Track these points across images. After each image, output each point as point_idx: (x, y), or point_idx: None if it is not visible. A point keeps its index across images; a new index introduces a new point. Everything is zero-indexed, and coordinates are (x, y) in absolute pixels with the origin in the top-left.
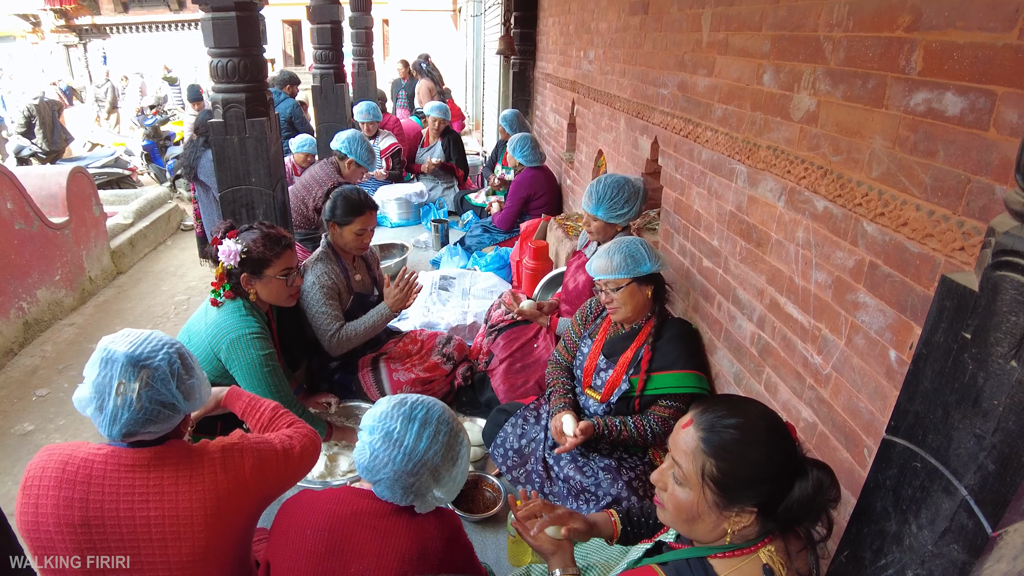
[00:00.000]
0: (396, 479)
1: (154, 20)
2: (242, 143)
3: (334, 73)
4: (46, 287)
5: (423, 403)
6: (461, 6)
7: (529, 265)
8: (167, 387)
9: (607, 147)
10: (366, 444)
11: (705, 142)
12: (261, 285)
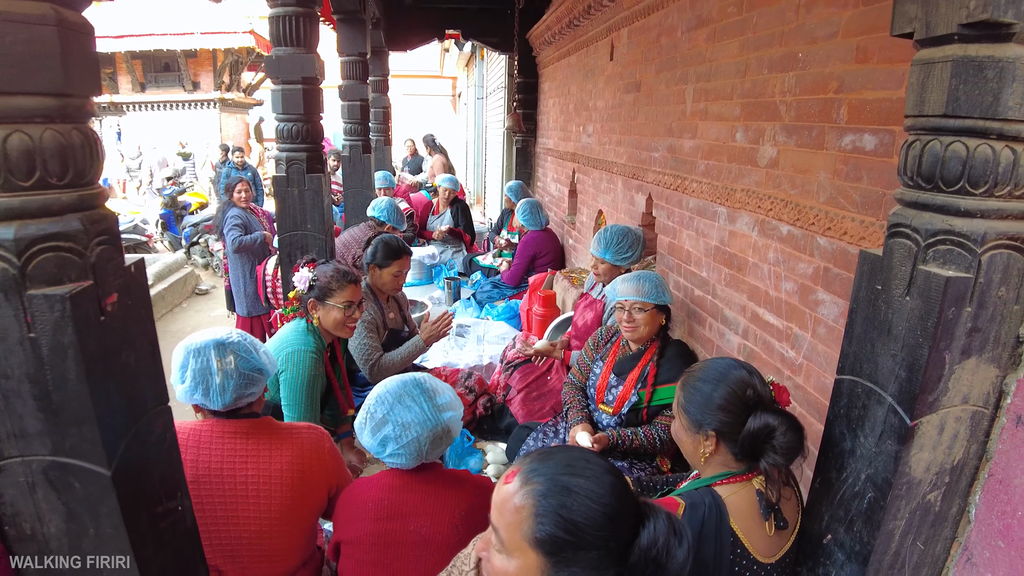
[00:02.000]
0: (425, 441)
1: (169, 99)
2: (301, 195)
3: (362, 145)
4: None
5: (409, 384)
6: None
7: (539, 312)
8: (252, 356)
9: (606, 207)
10: (391, 431)
11: (691, 192)
12: (324, 311)
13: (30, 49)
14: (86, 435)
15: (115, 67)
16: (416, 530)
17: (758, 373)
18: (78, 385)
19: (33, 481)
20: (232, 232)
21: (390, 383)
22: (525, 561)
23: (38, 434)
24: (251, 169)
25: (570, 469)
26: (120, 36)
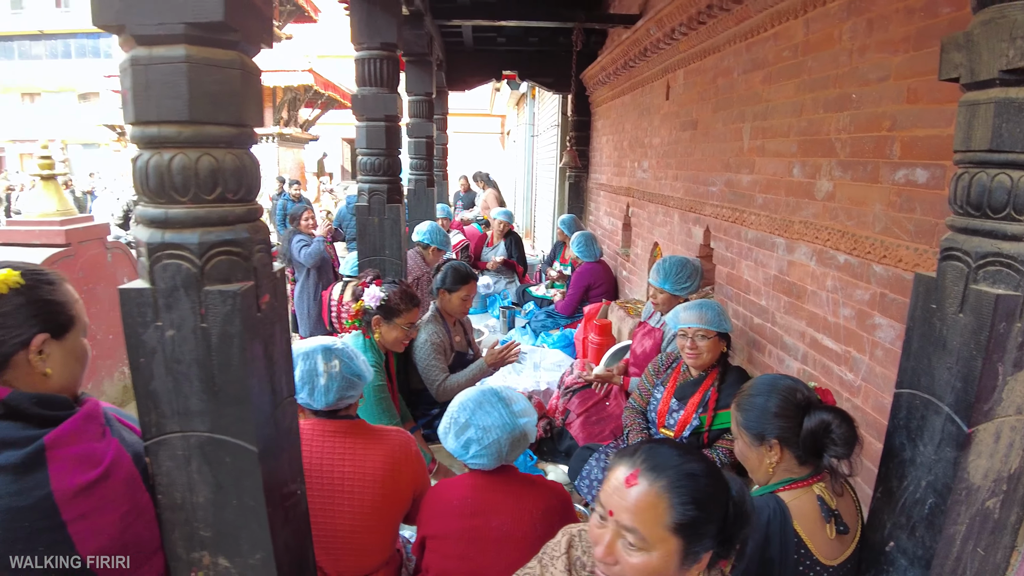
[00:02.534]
0: (504, 443)
1: None
2: (381, 223)
3: (426, 179)
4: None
5: (488, 393)
6: (509, 129)
7: (595, 340)
8: (353, 362)
9: (662, 239)
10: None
11: (750, 224)
12: (387, 329)
13: (221, 88)
14: (241, 415)
15: None
16: (499, 526)
17: (801, 381)
18: (239, 370)
19: (189, 454)
20: (301, 250)
21: (470, 392)
22: (666, 548)
23: (199, 412)
24: (306, 202)
25: (683, 459)
26: None
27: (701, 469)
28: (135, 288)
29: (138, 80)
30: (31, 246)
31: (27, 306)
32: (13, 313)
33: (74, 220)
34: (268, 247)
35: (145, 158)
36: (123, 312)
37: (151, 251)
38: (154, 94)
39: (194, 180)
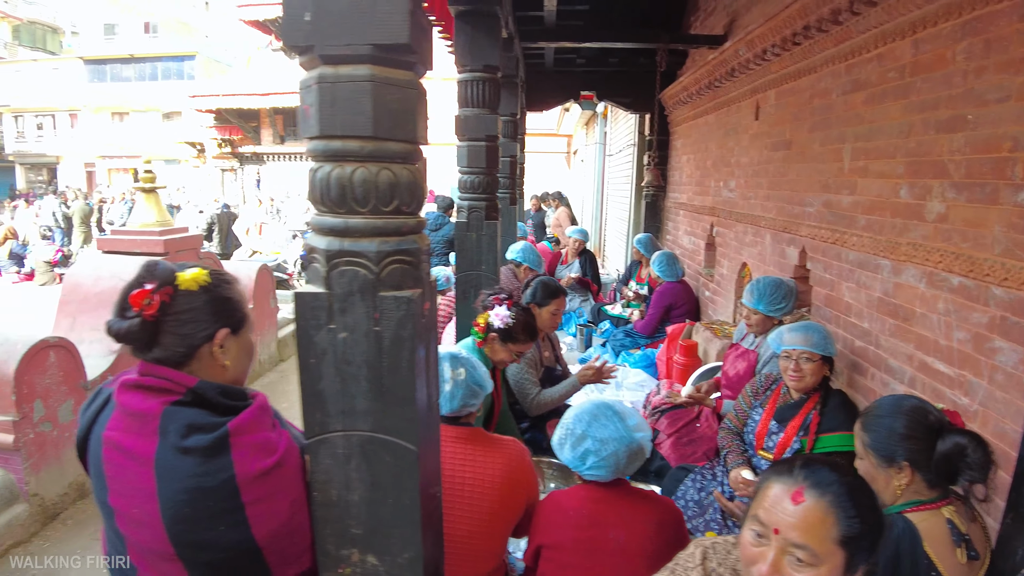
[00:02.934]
0: (622, 456)
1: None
2: (479, 239)
3: (509, 197)
4: None
5: (603, 406)
6: (576, 149)
7: (681, 361)
8: (477, 372)
9: (752, 259)
10: (591, 445)
11: (851, 246)
12: (499, 348)
13: (400, 106)
14: (406, 415)
15: (259, 121)
16: (615, 539)
17: (927, 401)
18: (407, 373)
19: (350, 453)
20: None
21: (585, 405)
22: (833, 562)
23: (363, 412)
24: None
25: (842, 473)
26: (267, 94)
27: (859, 483)
28: (311, 292)
29: (324, 97)
30: (132, 254)
31: (212, 303)
32: (202, 308)
33: (171, 231)
34: (429, 257)
35: (327, 170)
36: (297, 315)
37: (329, 258)
38: (339, 110)
39: (374, 192)
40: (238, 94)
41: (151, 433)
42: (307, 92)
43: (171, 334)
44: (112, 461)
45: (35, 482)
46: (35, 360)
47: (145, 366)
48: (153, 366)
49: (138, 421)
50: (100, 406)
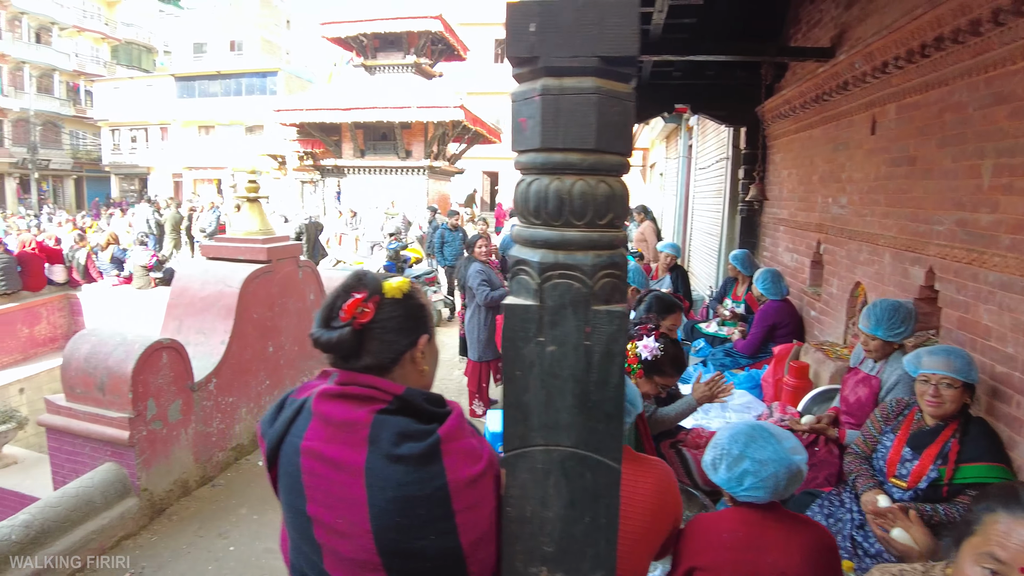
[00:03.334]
0: (782, 477)
1: (384, 165)
2: None
3: None
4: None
5: (757, 427)
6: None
7: (791, 383)
8: (630, 389)
9: (868, 279)
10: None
11: (992, 267)
12: (644, 382)
13: (619, 119)
14: (610, 431)
15: (340, 135)
16: (772, 563)
17: None
18: (615, 389)
19: (549, 468)
20: (481, 288)
21: (739, 425)
22: None
23: (566, 427)
24: (462, 231)
25: None
26: (348, 109)
27: None
28: (521, 305)
29: (547, 109)
30: (236, 261)
31: (414, 310)
32: (406, 316)
33: (274, 239)
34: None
35: (544, 183)
36: (506, 326)
37: (542, 270)
38: (563, 123)
39: (592, 205)
40: (321, 108)
41: (360, 442)
42: (525, 105)
43: (379, 341)
44: (314, 471)
45: (145, 477)
46: (150, 360)
47: (347, 375)
48: (357, 375)
49: (345, 431)
50: (291, 416)
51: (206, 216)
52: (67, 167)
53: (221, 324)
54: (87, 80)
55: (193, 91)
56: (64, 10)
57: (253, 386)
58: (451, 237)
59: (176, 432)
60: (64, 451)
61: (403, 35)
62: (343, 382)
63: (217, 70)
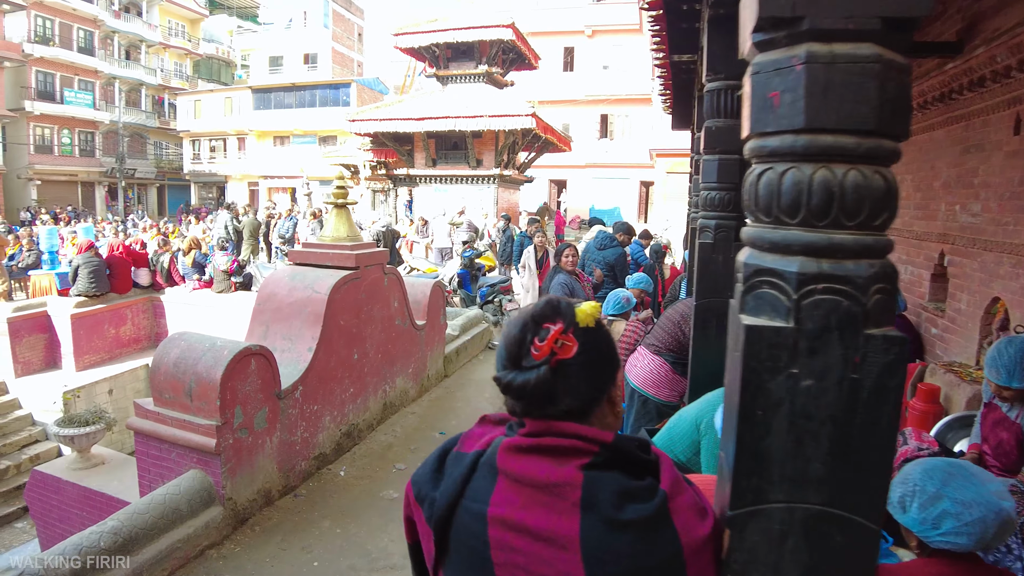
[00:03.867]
0: (991, 524)
1: (455, 173)
2: (725, 262)
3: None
4: (402, 377)
5: (955, 465)
6: None
7: (919, 407)
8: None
9: (1010, 294)
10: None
11: None
12: None
13: (899, 96)
14: (872, 485)
15: (413, 145)
16: None
17: None
18: (885, 433)
19: (788, 530)
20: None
21: (933, 461)
22: None
23: (817, 480)
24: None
25: None
26: (421, 119)
27: None
28: (769, 327)
29: (814, 81)
30: (324, 267)
31: (608, 337)
32: (605, 346)
33: (361, 246)
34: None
35: (805, 172)
36: (747, 354)
37: (801, 283)
38: (834, 98)
39: (868, 202)
40: (395, 119)
41: (571, 508)
42: (777, 76)
43: (579, 380)
44: (509, 545)
45: (230, 486)
46: (239, 367)
47: (540, 424)
48: (552, 423)
49: (548, 494)
50: (463, 475)
51: (283, 223)
52: (151, 176)
53: (308, 330)
54: (171, 94)
55: (269, 103)
56: (151, 29)
57: (337, 394)
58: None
59: (261, 440)
60: (151, 455)
61: (475, 44)
62: (535, 432)
63: (292, 82)
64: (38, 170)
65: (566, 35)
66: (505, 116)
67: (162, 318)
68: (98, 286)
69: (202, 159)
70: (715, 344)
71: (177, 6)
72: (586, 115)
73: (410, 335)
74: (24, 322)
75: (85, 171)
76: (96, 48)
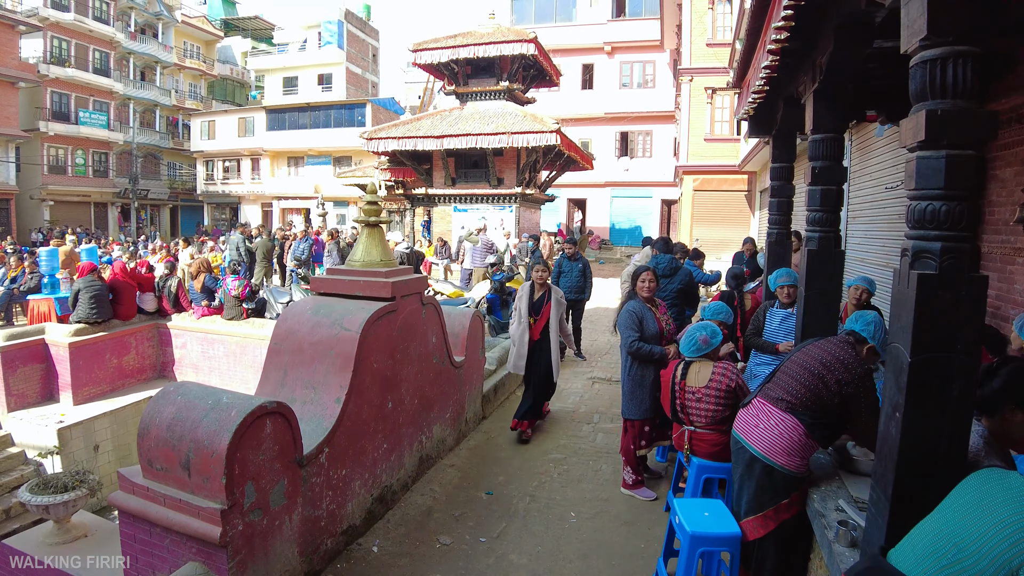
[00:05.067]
0: None
1: (475, 193)
2: (956, 301)
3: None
4: (439, 424)
5: None
6: (766, 187)
7: None
8: None
9: None
10: None
11: None
12: None
13: None
14: None
15: (432, 163)
16: None
17: None
18: None
19: None
20: (628, 333)
21: None
22: None
23: None
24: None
25: None
26: (441, 136)
27: None
28: None
29: None
30: (355, 297)
31: None
32: None
33: (397, 271)
34: None
35: None
36: None
37: None
38: None
39: None
40: (414, 136)
41: None
42: None
43: None
44: None
45: None
46: (251, 432)
47: None
48: None
49: None
50: None
51: (299, 245)
52: (163, 197)
53: (336, 377)
54: (184, 114)
55: (283, 123)
56: (167, 50)
57: (369, 452)
58: (568, 267)
59: (279, 521)
60: (139, 540)
61: (496, 60)
62: None
63: (306, 102)
64: (51, 191)
65: (585, 52)
66: (529, 133)
67: (168, 347)
68: (99, 312)
69: (216, 180)
70: (938, 415)
71: (193, 28)
72: (605, 133)
73: (448, 375)
74: (19, 351)
75: (98, 192)
76: (111, 69)
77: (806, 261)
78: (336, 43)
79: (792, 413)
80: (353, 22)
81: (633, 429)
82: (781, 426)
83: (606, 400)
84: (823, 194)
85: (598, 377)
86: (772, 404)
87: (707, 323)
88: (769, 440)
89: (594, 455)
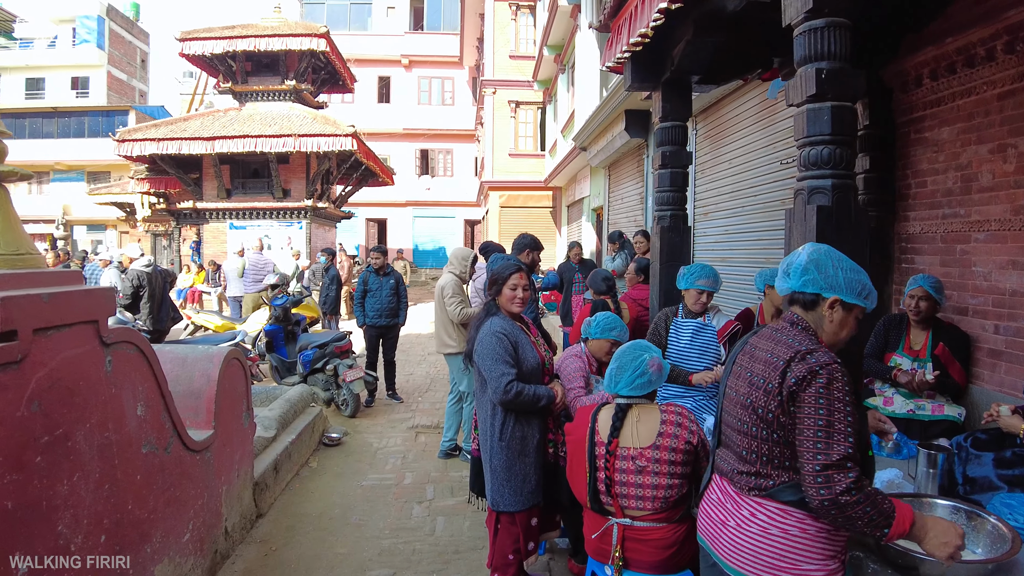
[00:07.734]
0: None
1: (256, 207)
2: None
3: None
4: (168, 560)
5: None
6: (580, 197)
7: None
8: None
9: None
10: None
11: None
12: None
13: None
14: None
15: (202, 172)
16: None
17: None
18: None
19: None
20: (496, 368)
21: None
22: None
23: None
24: (395, 274)
25: None
26: (212, 138)
27: None
28: None
29: None
30: None
31: None
32: None
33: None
34: None
35: None
36: None
37: None
38: None
39: None
40: (178, 138)
41: None
42: None
43: None
44: None
45: None
46: None
47: None
48: None
49: None
50: None
51: None
52: None
53: None
54: None
55: (23, 131)
56: None
57: None
58: (376, 284)
59: None
60: None
61: (281, 56)
62: None
63: (54, 106)
64: None
65: (381, 64)
66: (320, 136)
67: None
68: None
69: None
70: None
71: None
72: (405, 150)
73: (181, 468)
74: None
75: None
76: None
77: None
78: (95, 42)
79: (768, 496)
80: (118, 20)
81: (515, 526)
82: (758, 522)
83: (439, 461)
84: (835, 114)
85: (422, 425)
86: (730, 484)
87: (641, 341)
88: (751, 550)
89: (439, 560)
